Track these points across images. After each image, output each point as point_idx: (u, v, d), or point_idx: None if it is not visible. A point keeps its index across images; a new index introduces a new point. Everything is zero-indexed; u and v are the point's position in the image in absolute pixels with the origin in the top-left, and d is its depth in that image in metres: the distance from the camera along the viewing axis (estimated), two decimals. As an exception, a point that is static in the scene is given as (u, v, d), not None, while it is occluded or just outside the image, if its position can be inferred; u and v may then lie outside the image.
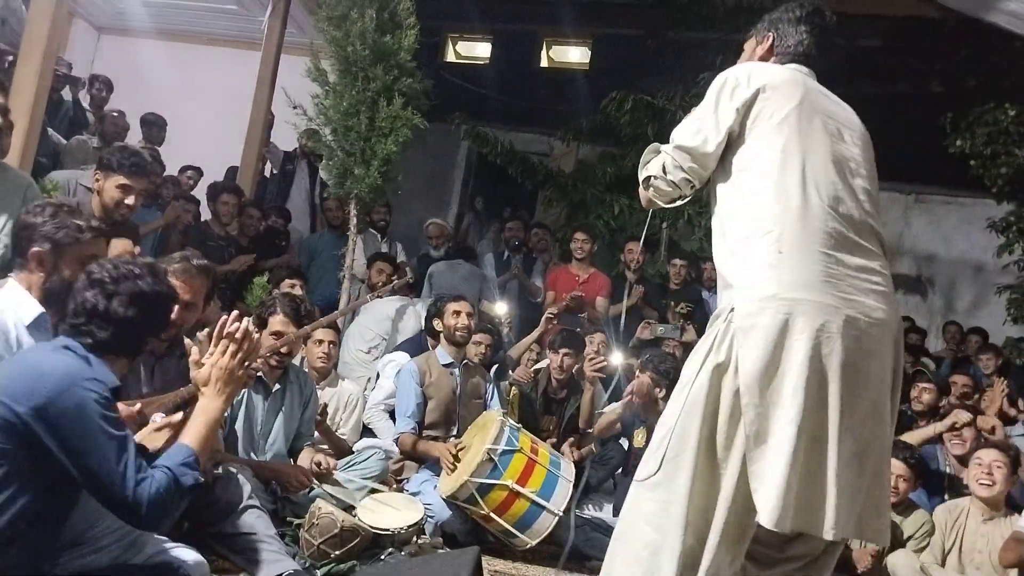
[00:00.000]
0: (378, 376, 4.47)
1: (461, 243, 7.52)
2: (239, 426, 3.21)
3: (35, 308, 2.17)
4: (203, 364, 2.01)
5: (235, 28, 7.60)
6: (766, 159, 1.90)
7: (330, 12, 4.30)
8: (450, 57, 9.95)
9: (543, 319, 4.98)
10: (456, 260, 6.20)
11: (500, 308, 5.07)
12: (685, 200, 2.07)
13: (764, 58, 2.16)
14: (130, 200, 3.37)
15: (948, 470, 4.13)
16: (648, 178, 2.07)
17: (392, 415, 4.11)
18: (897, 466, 3.66)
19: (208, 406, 1.97)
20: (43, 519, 1.80)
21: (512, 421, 3.43)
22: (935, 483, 4.11)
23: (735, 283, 1.87)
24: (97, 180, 3.45)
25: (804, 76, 2.06)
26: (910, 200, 8.56)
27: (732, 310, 1.83)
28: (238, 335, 2.01)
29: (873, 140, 2.12)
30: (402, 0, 4.40)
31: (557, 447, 3.97)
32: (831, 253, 1.82)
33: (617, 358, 4.22)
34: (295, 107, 4.54)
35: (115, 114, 6.00)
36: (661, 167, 2.02)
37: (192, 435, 1.90)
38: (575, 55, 9.84)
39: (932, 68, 8.30)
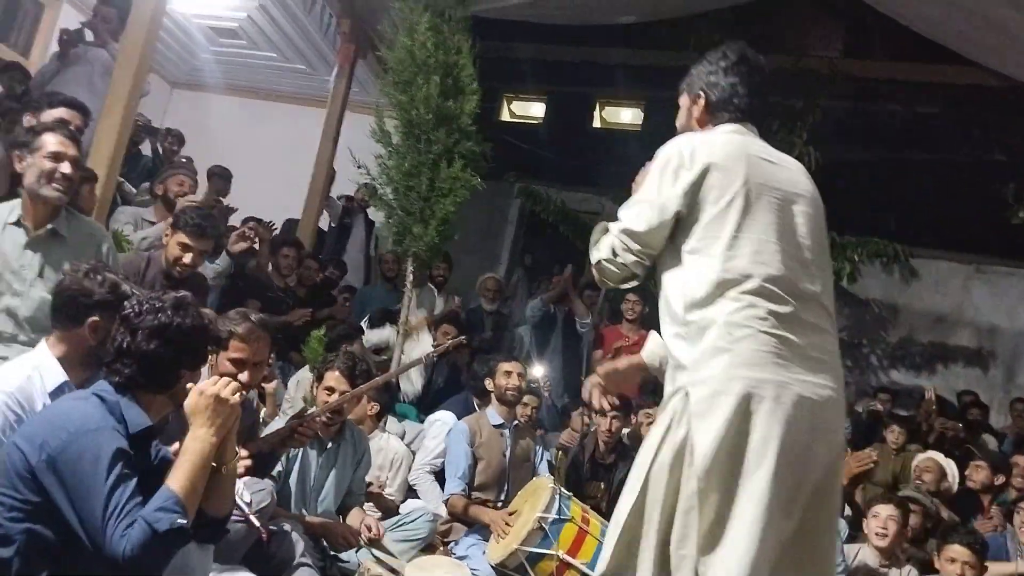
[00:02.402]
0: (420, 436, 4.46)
1: (512, 298, 7.58)
2: (292, 480, 3.24)
3: (58, 376, 2.16)
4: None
5: (302, 86, 7.93)
6: (714, 243, 1.88)
7: (396, 77, 4.45)
8: (505, 116, 10.15)
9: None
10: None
11: (537, 370, 5.03)
12: (638, 280, 2.05)
13: (702, 120, 2.11)
14: (187, 259, 3.51)
15: (1018, 560, 3.93)
16: (599, 261, 2.04)
17: (437, 476, 4.10)
18: (961, 552, 3.51)
19: (195, 437, 1.86)
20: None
21: (563, 489, 3.39)
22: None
23: (688, 365, 1.84)
24: (166, 235, 3.62)
25: (746, 142, 2.02)
26: (970, 270, 8.34)
27: (687, 394, 1.80)
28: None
29: (932, 208, 2.04)
30: (465, 67, 4.54)
31: (607, 516, 3.90)
32: (782, 334, 1.80)
33: None
34: (359, 167, 4.68)
35: (172, 136, 6.30)
36: (611, 250, 2.00)
37: (177, 477, 1.81)
38: (627, 116, 9.96)
39: (994, 137, 8.18)
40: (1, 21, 6.79)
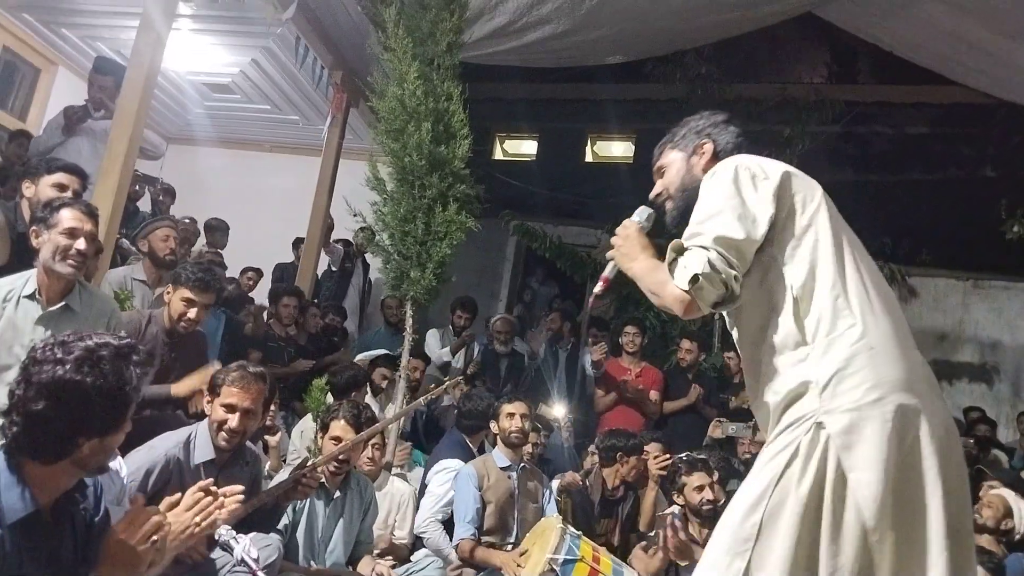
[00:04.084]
0: (424, 484, 4.40)
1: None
2: (300, 533, 3.22)
3: None
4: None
5: (296, 136, 8.03)
6: (819, 250, 1.69)
7: (388, 126, 4.51)
8: (498, 155, 10.27)
9: None
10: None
11: (558, 410, 4.99)
12: (734, 304, 1.70)
13: (708, 168, 1.89)
14: (192, 314, 3.52)
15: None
16: (695, 277, 1.64)
17: (445, 524, 4.05)
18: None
19: None
20: None
21: (572, 528, 3.37)
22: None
23: (812, 388, 1.58)
24: (168, 292, 3.63)
25: None
26: (968, 286, 8.37)
27: (819, 423, 1.54)
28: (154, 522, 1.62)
29: (926, 227, 1.92)
30: (456, 112, 4.60)
31: (617, 550, 3.86)
32: (906, 352, 1.62)
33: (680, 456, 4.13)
34: (355, 215, 4.73)
35: (163, 189, 6.46)
36: (707, 264, 1.64)
37: None
38: (619, 149, 10.08)
39: (984, 154, 8.29)
40: (-2, 86, 6.92)
